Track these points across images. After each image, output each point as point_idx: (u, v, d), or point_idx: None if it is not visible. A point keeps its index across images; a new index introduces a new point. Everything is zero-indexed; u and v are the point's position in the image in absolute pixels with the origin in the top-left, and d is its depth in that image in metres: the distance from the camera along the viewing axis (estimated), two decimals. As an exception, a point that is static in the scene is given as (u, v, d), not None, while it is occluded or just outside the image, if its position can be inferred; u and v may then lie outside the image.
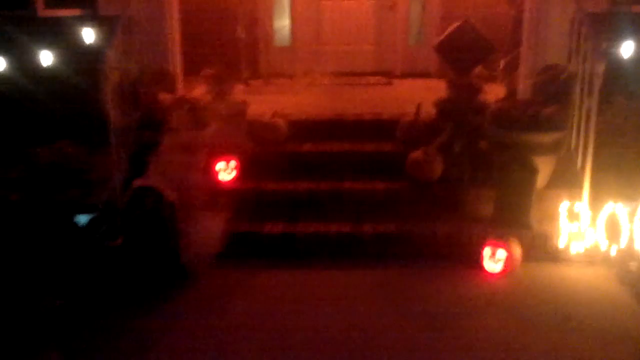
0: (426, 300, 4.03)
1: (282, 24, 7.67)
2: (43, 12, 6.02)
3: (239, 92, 5.72)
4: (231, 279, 4.31)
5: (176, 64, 5.60)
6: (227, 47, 7.04)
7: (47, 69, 5.65)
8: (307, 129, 5.43)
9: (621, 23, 5.40)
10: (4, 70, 5.68)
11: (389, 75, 7.34)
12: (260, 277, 4.34)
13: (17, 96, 5.71)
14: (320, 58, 7.58)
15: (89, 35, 5.57)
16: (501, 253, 4.31)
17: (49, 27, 5.82)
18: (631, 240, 4.31)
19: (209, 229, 4.45)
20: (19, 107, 5.75)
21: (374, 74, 7.44)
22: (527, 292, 4.12)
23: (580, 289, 4.17)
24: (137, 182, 4.34)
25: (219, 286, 4.24)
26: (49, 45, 5.63)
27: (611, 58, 4.52)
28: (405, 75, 7.43)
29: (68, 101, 5.60)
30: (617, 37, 4.94)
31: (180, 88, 5.59)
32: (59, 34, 5.70)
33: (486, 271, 4.36)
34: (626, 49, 4.92)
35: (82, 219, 4.46)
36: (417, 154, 4.91)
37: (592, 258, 4.42)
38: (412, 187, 4.84)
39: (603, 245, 4.38)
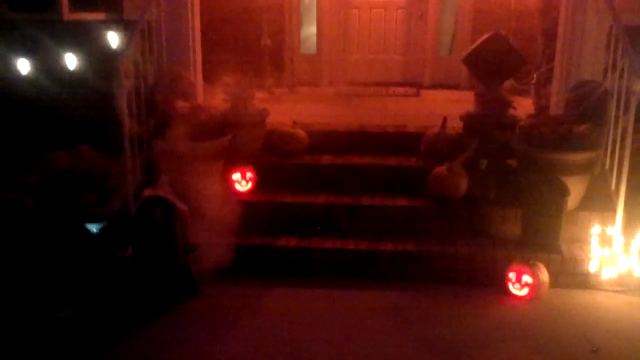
0: (445, 327, 3.80)
1: (309, 32, 7.53)
2: (68, 15, 5.96)
3: (261, 100, 5.58)
4: (241, 295, 4.15)
5: (196, 70, 5.47)
6: (251, 55, 6.93)
7: (69, 72, 5.64)
8: (328, 140, 5.26)
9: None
10: (28, 73, 5.68)
11: (417, 86, 7.14)
12: (272, 294, 4.17)
13: (40, 99, 5.67)
14: (346, 67, 7.44)
15: (112, 39, 5.54)
16: (527, 278, 4.07)
17: (73, 31, 5.77)
18: (667, 268, 4.05)
19: (221, 242, 4.29)
20: (41, 110, 5.71)
21: (401, 84, 7.26)
22: (555, 322, 3.87)
23: (611, 318, 3.90)
24: (148, 192, 4.20)
25: (228, 302, 4.08)
26: (72, 49, 5.63)
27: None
28: (434, 86, 7.23)
29: (89, 106, 5.52)
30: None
31: (200, 95, 5.46)
32: (82, 38, 5.67)
33: (511, 297, 4.11)
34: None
35: (93, 227, 4.37)
36: (440, 170, 4.69)
37: (624, 285, 4.15)
38: (435, 205, 4.62)
39: (637, 272, 4.11)
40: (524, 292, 4.09)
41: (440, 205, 4.62)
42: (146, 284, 4.04)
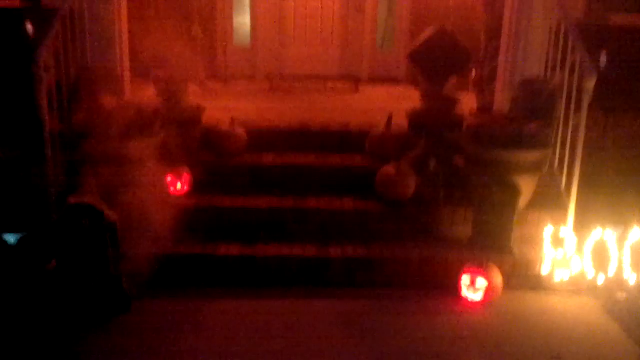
0: (400, 338, 3.59)
1: (243, 23, 7.18)
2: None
3: (193, 95, 5.21)
4: (180, 310, 3.81)
5: (123, 63, 5.05)
6: (182, 47, 6.50)
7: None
8: (269, 138, 4.96)
9: (599, 34, 5.11)
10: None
11: (355, 79, 6.93)
12: (213, 307, 3.85)
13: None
14: (283, 60, 7.15)
15: (29, 29, 5.02)
16: (481, 281, 3.93)
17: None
18: (620, 269, 4.00)
19: (156, 252, 3.93)
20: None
21: (339, 78, 7.03)
22: (511, 327, 3.74)
23: (567, 322, 3.81)
24: (73, 199, 3.79)
25: (166, 318, 3.73)
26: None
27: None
28: (372, 80, 7.05)
29: (2, 103, 5.00)
30: (594, 48, 4.65)
31: (128, 91, 5.05)
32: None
33: (464, 301, 3.97)
34: (602, 61, 4.66)
35: (11, 238, 3.92)
36: (388, 170, 4.49)
37: (577, 287, 4.07)
38: (383, 206, 4.42)
39: (590, 273, 4.05)
40: (478, 296, 3.94)
41: (388, 207, 4.42)
42: (72, 300, 3.66)
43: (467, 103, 5.60)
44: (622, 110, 5.35)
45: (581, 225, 4.14)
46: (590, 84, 3.98)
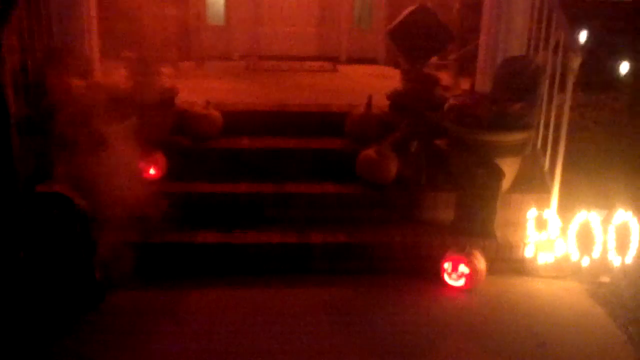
0: (385, 326, 3.50)
1: (216, 0, 6.96)
2: None
3: (166, 76, 5.01)
4: (156, 301, 3.67)
5: (92, 43, 4.82)
6: (154, 25, 6.27)
7: None
8: (246, 121, 4.80)
9: (583, 10, 5.02)
10: None
11: (333, 60, 6.78)
12: (191, 298, 3.72)
13: None
14: (258, 40, 6.95)
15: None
16: (463, 268, 3.85)
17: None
18: (605, 251, 3.95)
19: (130, 241, 3.78)
20: None
21: (317, 58, 6.87)
22: (495, 313, 3.68)
23: (551, 306, 3.75)
24: (42, 187, 3.61)
25: (141, 310, 3.59)
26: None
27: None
28: (350, 60, 6.89)
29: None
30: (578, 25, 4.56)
31: (97, 72, 4.82)
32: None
33: (448, 287, 3.89)
34: (583, 38, 4.57)
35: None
36: (368, 152, 4.38)
37: (561, 270, 4.02)
38: (364, 190, 4.31)
39: (574, 256, 3.99)
40: (461, 282, 3.87)
41: (370, 191, 4.31)
42: (42, 292, 3.49)
43: (449, 85, 5.51)
44: (603, 88, 5.30)
45: (565, 207, 4.08)
46: (575, 63, 3.89)
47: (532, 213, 4.07)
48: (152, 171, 4.32)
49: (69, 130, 4.01)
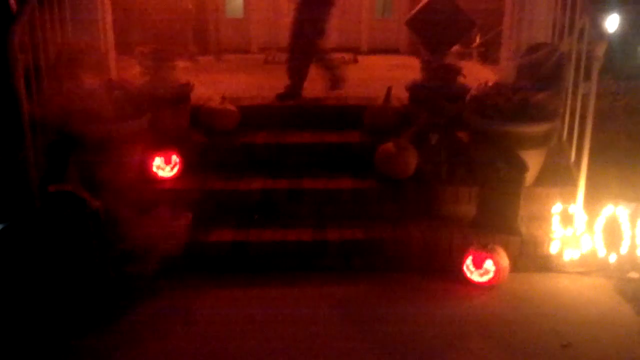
0: (403, 324, 3.40)
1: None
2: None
3: (184, 71, 4.95)
4: (170, 301, 3.62)
5: (107, 39, 4.80)
6: (171, 20, 6.24)
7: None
8: (262, 115, 4.74)
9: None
10: None
11: (354, 51, 6.66)
12: (206, 297, 3.66)
13: None
14: (277, 32, 6.85)
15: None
16: (486, 264, 3.72)
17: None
18: (633, 246, 3.79)
19: (145, 240, 3.74)
20: None
21: (338, 49, 6.72)
22: (518, 311, 3.54)
23: (577, 305, 3.61)
24: (54, 187, 3.58)
25: (155, 310, 3.55)
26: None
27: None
28: (371, 51, 6.78)
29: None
30: (604, 10, 4.38)
31: (112, 69, 4.80)
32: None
33: (469, 285, 3.76)
34: (612, 23, 4.38)
35: (-9, 228, 3.74)
36: (387, 146, 4.27)
37: (588, 267, 3.87)
38: (382, 185, 4.20)
39: (601, 252, 3.84)
40: (484, 279, 3.74)
41: (388, 186, 4.20)
42: (57, 291, 3.47)
43: (472, 74, 5.35)
44: (634, 75, 5.11)
45: (592, 201, 3.92)
46: (601, 50, 3.72)
47: (557, 207, 3.93)
48: (167, 168, 4.27)
49: (83, 128, 3.99)
